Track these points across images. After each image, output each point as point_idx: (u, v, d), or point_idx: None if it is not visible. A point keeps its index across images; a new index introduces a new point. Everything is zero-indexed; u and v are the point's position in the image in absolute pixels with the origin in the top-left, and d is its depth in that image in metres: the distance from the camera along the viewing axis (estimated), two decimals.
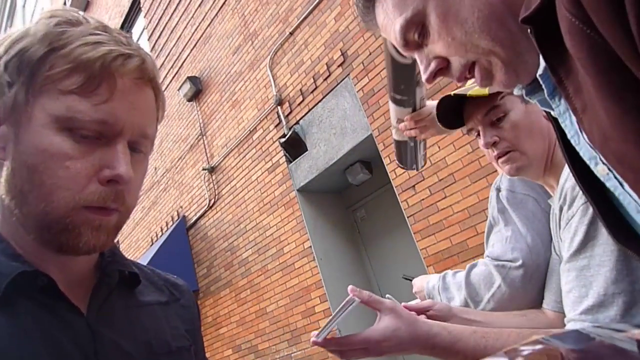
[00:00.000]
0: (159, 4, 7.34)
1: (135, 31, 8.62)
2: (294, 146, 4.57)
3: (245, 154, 5.32)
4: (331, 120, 4.24)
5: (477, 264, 1.03)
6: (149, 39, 7.59)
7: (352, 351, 0.76)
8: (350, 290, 0.77)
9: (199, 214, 6.03)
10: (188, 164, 6.40)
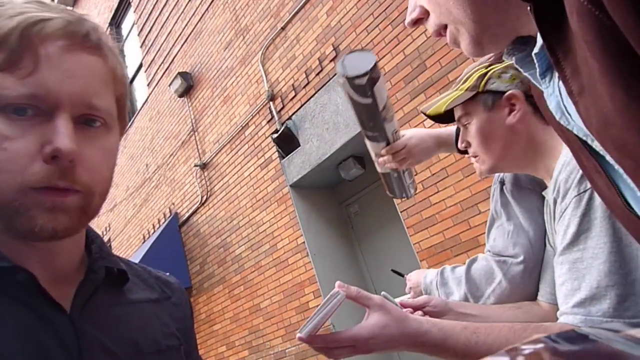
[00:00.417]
0: None
1: (125, 26, 8.53)
2: (287, 142, 4.55)
3: (237, 150, 5.29)
4: (324, 115, 4.23)
5: (477, 259, 1.03)
6: (139, 34, 7.52)
7: (340, 349, 0.73)
8: (338, 285, 0.76)
9: (191, 211, 6.01)
10: (180, 161, 6.36)
